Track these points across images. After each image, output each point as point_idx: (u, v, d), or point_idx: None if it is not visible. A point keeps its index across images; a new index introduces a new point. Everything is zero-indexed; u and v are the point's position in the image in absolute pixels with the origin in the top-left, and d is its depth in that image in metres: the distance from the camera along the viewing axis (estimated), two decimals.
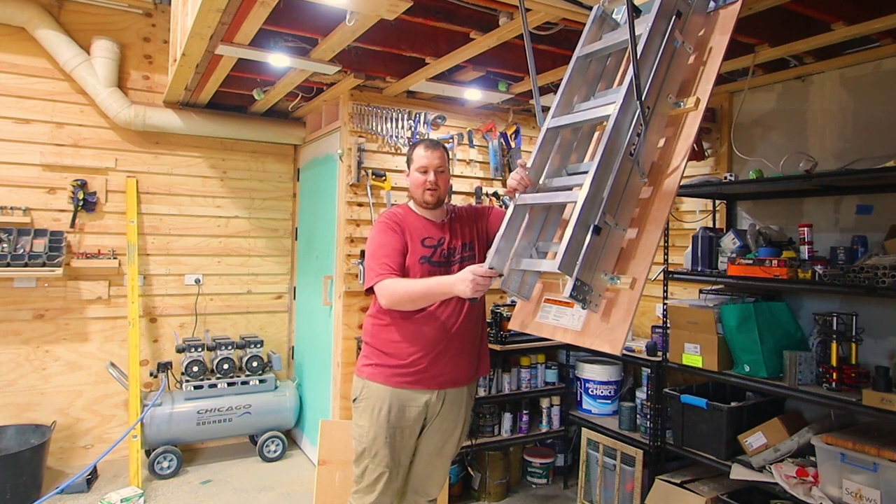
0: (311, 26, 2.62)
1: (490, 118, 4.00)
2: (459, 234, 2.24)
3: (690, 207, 3.44)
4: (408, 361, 2.09)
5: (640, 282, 1.47)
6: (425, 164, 2.16)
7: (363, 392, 2.15)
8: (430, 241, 2.16)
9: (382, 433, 2.09)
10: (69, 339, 3.73)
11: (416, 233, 2.16)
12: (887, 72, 2.63)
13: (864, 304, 2.55)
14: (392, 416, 2.09)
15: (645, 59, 1.55)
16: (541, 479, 3.63)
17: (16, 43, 3.58)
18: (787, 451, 2.45)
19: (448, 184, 2.27)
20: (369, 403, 2.11)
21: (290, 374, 4.46)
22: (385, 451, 2.10)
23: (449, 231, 2.22)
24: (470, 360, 2.21)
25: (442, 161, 2.18)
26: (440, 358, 2.11)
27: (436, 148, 2.19)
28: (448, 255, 2.18)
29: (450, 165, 2.27)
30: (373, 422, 2.10)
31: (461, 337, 2.15)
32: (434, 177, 2.15)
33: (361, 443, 2.13)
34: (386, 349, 2.13)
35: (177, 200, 4.06)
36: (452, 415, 2.19)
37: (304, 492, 3.44)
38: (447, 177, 2.23)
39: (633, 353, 3.12)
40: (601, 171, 1.48)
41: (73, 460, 3.71)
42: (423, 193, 2.17)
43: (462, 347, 2.17)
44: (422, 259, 2.11)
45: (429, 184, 2.15)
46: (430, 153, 2.16)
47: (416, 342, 2.10)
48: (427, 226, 2.19)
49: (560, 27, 2.50)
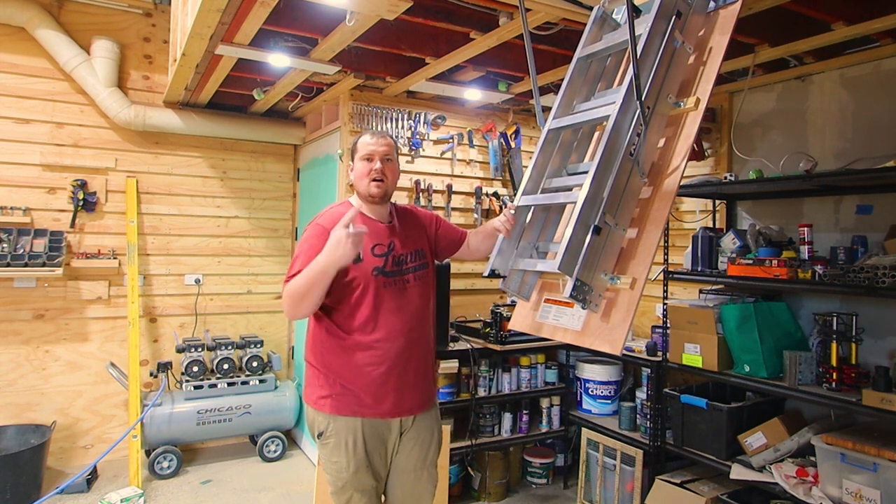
0: (311, 26, 2.62)
1: (490, 118, 4.01)
2: (408, 239, 2.02)
3: (690, 207, 3.44)
4: (369, 388, 1.88)
5: (640, 282, 1.47)
6: (371, 152, 1.94)
7: (330, 428, 1.90)
8: (380, 247, 1.93)
9: (363, 464, 1.89)
10: (69, 339, 3.73)
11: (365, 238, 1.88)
12: (887, 72, 2.63)
13: (864, 304, 2.55)
14: (368, 443, 1.90)
15: (645, 60, 1.55)
16: (541, 479, 3.63)
17: (16, 43, 3.58)
18: (787, 451, 2.45)
19: (397, 176, 2.02)
20: (340, 438, 1.89)
21: (290, 374, 4.46)
22: (367, 477, 1.92)
23: (397, 235, 2.00)
24: (432, 374, 2.06)
25: (389, 149, 1.97)
26: (400, 380, 1.91)
27: (382, 136, 1.99)
28: (399, 264, 1.95)
29: (398, 159, 2.05)
30: (350, 456, 1.88)
31: (416, 354, 1.96)
32: (381, 165, 1.93)
33: (341, 478, 1.90)
34: (342, 376, 1.89)
35: (177, 200, 4.06)
36: (426, 424, 2.03)
37: (304, 492, 3.44)
38: (395, 167, 2.01)
39: (633, 353, 3.12)
40: (601, 172, 1.48)
41: (73, 460, 3.71)
42: (369, 185, 1.92)
43: (420, 364, 1.98)
44: (374, 271, 1.88)
45: (374, 172, 1.92)
46: (375, 140, 1.96)
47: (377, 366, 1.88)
48: (375, 229, 1.95)
49: (560, 27, 2.50)
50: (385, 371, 1.88)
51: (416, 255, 2.01)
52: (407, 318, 1.93)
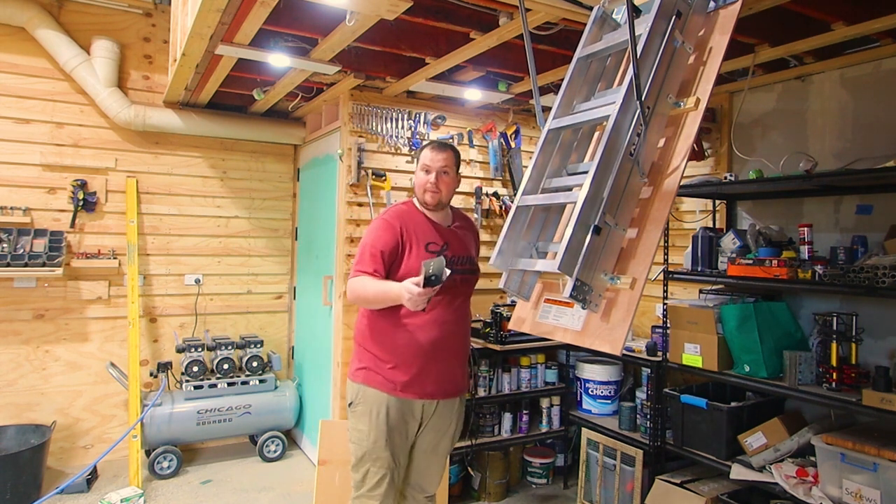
0: (311, 26, 2.61)
1: (490, 118, 4.00)
2: (461, 244, 2.22)
3: (690, 207, 3.44)
4: (398, 370, 2.08)
5: (640, 282, 1.47)
6: (428, 164, 2.15)
7: (359, 396, 2.13)
8: (434, 245, 2.14)
9: (383, 436, 2.08)
10: (69, 339, 3.73)
11: (421, 235, 2.14)
12: (887, 72, 2.63)
13: (864, 304, 2.55)
14: (391, 417, 2.09)
15: (645, 59, 1.55)
16: (541, 479, 3.63)
17: (16, 43, 3.58)
18: (787, 451, 2.45)
19: (452, 187, 2.21)
20: (367, 407, 2.10)
21: (290, 374, 4.46)
22: (386, 453, 2.09)
23: (454, 237, 2.21)
24: (462, 370, 2.22)
25: (447, 163, 2.16)
26: (430, 368, 2.10)
27: (442, 150, 2.17)
28: (451, 263, 2.12)
29: (459, 169, 2.24)
30: (372, 425, 2.09)
31: (450, 348, 2.14)
32: (435, 178, 2.14)
33: (361, 447, 2.11)
34: (378, 355, 2.11)
35: (177, 200, 4.06)
36: (446, 415, 2.20)
37: (304, 492, 3.44)
38: (451, 180, 2.19)
39: (633, 353, 3.12)
40: (601, 171, 1.48)
41: (73, 460, 3.71)
42: (424, 194, 2.16)
43: (453, 358, 2.16)
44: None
45: (429, 184, 2.14)
46: (434, 154, 2.16)
47: (407, 350, 2.08)
48: (432, 228, 2.18)
49: (560, 27, 2.50)
50: (414, 355, 2.08)
51: (466, 259, 2.22)
52: (447, 313, 2.12)
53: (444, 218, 2.24)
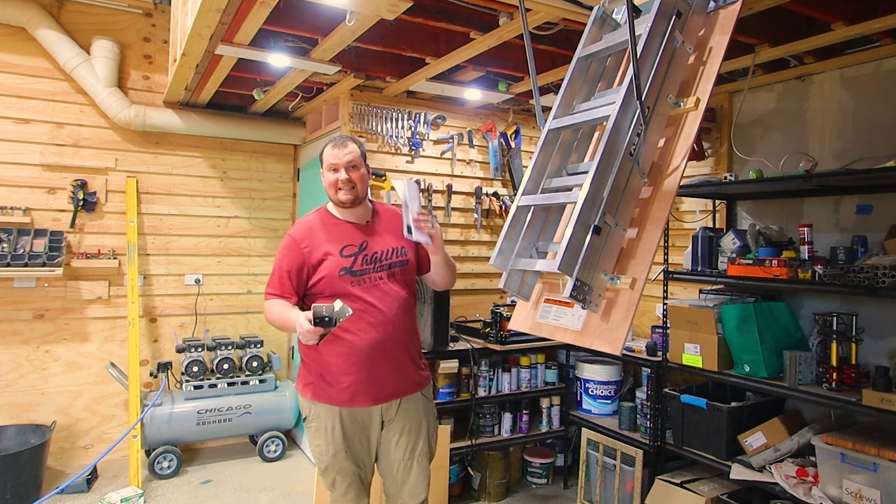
0: (311, 26, 2.62)
1: (490, 118, 4.00)
2: (387, 236, 2.11)
3: (690, 207, 3.44)
4: (342, 381, 2.00)
5: (640, 282, 1.47)
6: (334, 163, 2.04)
7: (311, 412, 2.07)
8: (350, 248, 2.04)
9: (342, 449, 2.03)
10: (69, 339, 3.73)
11: (333, 241, 2.04)
12: (887, 72, 2.63)
13: (864, 304, 2.55)
14: (346, 429, 2.04)
15: (645, 59, 1.55)
16: (541, 479, 3.63)
17: (16, 43, 3.58)
18: (787, 451, 2.45)
19: (365, 180, 2.10)
20: (320, 423, 2.05)
21: (290, 374, 4.45)
22: (347, 462, 2.05)
23: (374, 233, 2.10)
24: (412, 366, 2.12)
25: (353, 156, 2.04)
26: (376, 371, 2.02)
27: (344, 144, 2.05)
28: (374, 261, 2.05)
29: (366, 160, 2.13)
30: (329, 440, 2.03)
31: (393, 346, 2.05)
32: (346, 174, 2.03)
33: (322, 461, 2.07)
34: (319, 367, 2.04)
35: (177, 200, 4.06)
36: (412, 414, 2.11)
37: (304, 492, 3.44)
38: (363, 172, 2.08)
39: (633, 353, 3.12)
40: (601, 172, 1.48)
41: (73, 460, 3.71)
42: (337, 193, 2.05)
43: (399, 356, 2.07)
44: (341, 271, 2.00)
45: (341, 182, 2.03)
46: (337, 150, 2.04)
47: (346, 358, 1.99)
48: (346, 230, 2.07)
49: (560, 27, 2.50)
50: (354, 363, 2.00)
51: (394, 251, 2.10)
52: (379, 312, 2.02)
53: (363, 215, 2.12)
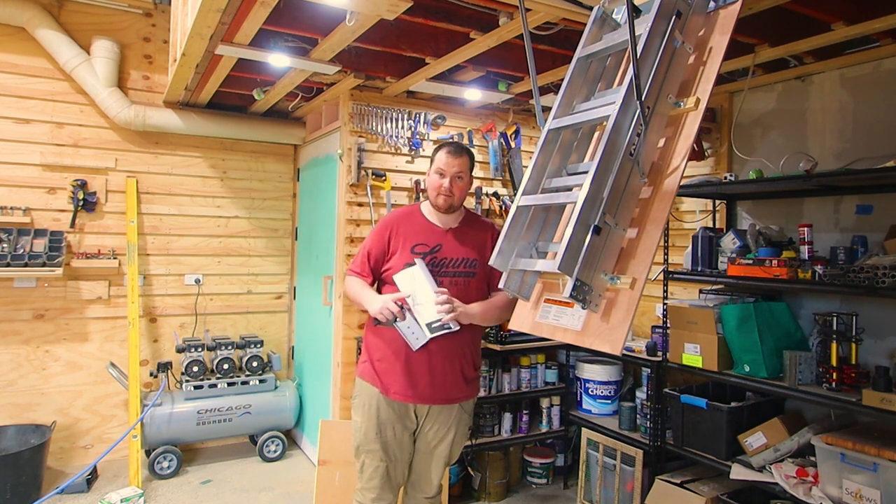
0: (311, 26, 2.61)
1: (490, 118, 4.00)
2: (463, 246, 2.20)
3: (690, 207, 3.44)
4: (387, 369, 2.13)
5: (640, 282, 1.47)
6: (443, 169, 2.15)
7: (357, 388, 2.23)
8: (422, 247, 2.15)
9: (373, 428, 2.14)
10: (69, 339, 3.73)
11: (410, 237, 2.16)
12: (887, 72, 2.63)
13: (864, 304, 2.55)
14: (382, 413, 2.14)
15: (645, 60, 1.55)
16: (541, 479, 3.63)
17: (16, 43, 3.58)
18: (787, 451, 2.45)
19: (465, 192, 2.23)
20: (362, 399, 2.19)
21: (290, 374, 4.46)
22: (376, 445, 2.13)
23: (452, 240, 2.19)
24: (457, 379, 2.16)
25: (462, 168, 2.16)
26: (418, 373, 2.09)
27: (459, 154, 2.17)
28: (440, 265, 2.14)
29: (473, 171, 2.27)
30: (364, 417, 2.16)
31: (442, 355, 2.10)
32: (449, 183, 2.14)
33: (356, 438, 2.20)
34: (369, 350, 2.21)
35: (177, 200, 4.06)
36: (443, 421, 2.19)
37: (304, 492, 3.44)
38: (465, 184, 2.20)
39: (633, 353, 3.12)
40: (601, 171, 1.48)
41: (73, 460, 3.71)
42: (437, 197, 2.17)
43: (446, 366, 2.12)
44: (406, 266, 2.13)
45: (443, 189, 2.15)
46: (450, 159, 2.15)
47: (389, 346, 2.12)
48: (427, 230, 2.19)
49: (560, 27, 2.50)
50: (398, 358, 2.10)
51: (463, 262, 2.18)
52: None
53: (451, 220, 2.24)
